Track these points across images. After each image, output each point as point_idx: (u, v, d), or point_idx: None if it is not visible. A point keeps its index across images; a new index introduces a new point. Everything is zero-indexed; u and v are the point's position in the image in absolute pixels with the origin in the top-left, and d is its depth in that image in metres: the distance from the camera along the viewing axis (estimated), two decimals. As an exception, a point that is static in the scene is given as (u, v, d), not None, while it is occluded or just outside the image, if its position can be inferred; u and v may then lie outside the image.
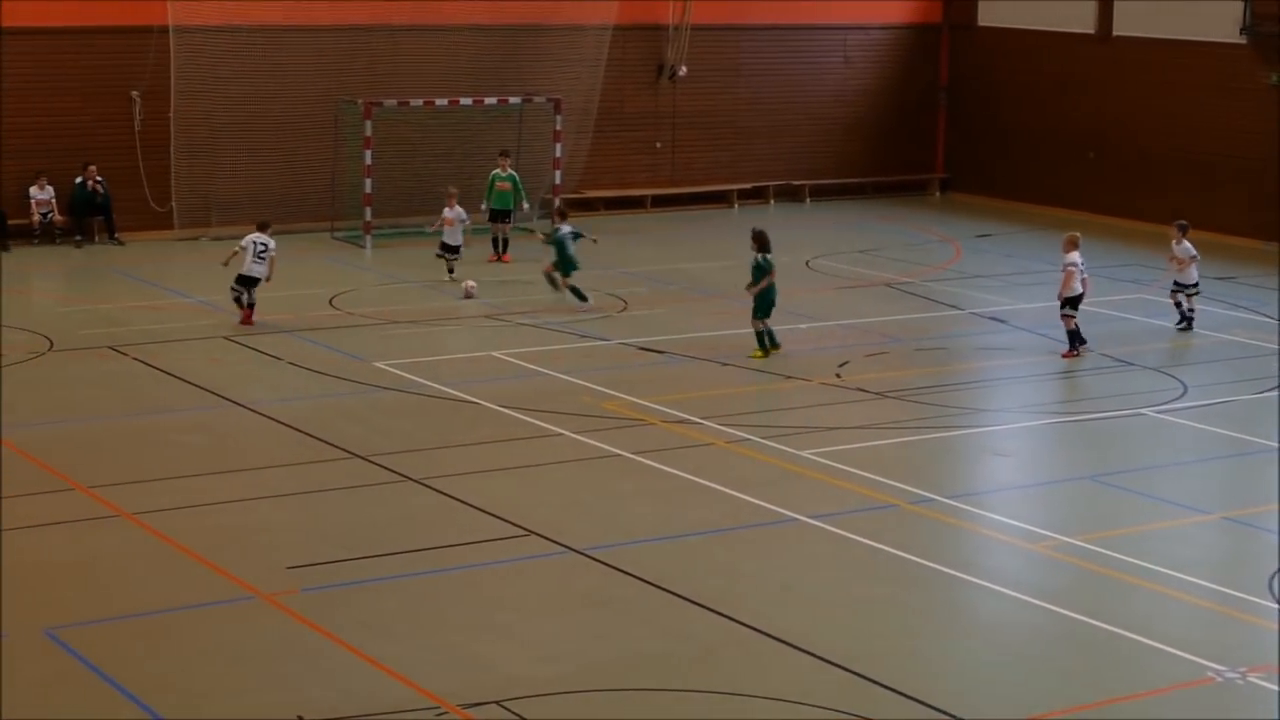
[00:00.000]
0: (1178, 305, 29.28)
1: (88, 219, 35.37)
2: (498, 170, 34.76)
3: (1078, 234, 28.29)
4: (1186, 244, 29.18)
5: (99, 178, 35.12)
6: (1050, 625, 16.79)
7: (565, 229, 30.45)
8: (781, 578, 17.94)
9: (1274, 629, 16.67)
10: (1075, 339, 27.26)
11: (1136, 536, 19.19)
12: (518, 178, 34.88)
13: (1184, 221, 29.98)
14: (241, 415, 23.23)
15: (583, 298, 30.02)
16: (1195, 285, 29.27)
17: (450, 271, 31.94)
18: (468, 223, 32.34)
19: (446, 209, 32.17)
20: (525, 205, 34.95)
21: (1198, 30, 39.27)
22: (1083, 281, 27.39)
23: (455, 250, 32.06)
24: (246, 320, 28.22)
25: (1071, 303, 27.32)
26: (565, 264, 30.31)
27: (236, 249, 28.46)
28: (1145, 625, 16.60)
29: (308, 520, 19.39)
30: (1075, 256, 27.46)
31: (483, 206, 34.82)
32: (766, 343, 26.57)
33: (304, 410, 23.42)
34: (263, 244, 28.28)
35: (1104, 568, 18.17)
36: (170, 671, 15.26)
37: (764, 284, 26.45)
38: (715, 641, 16.21)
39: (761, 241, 26.82)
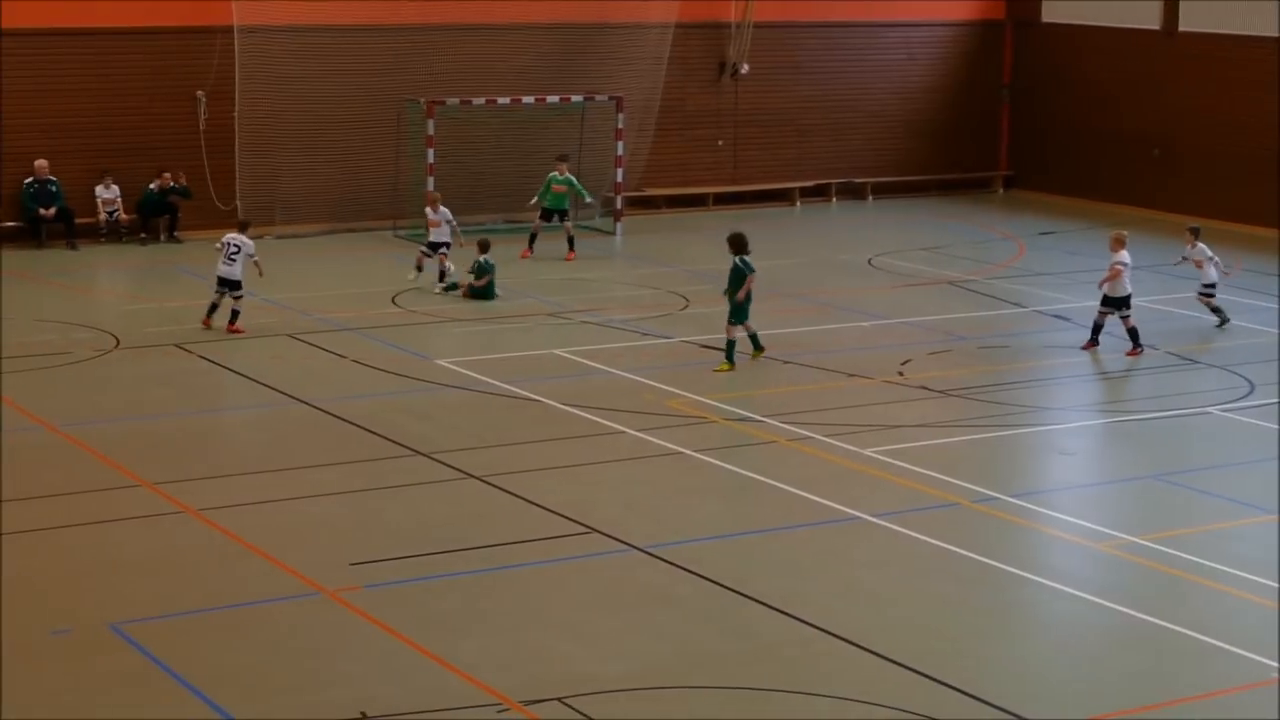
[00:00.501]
0: (1214, 309, 29.40)
1: (154, 219, 35.58)
2: (555, 173, 34.78)
3: (1125, 232, 28.27)
4: (1201, 245, 29.42)
5: (173, 184, 35.29)
6: (1115, 625, 16.71)
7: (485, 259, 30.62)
8: (844, 576, 17.91)
9: (1341, 629, 16.60)
10: (1135, 336, 27.10)
11: (1202, 536, 19.08)
12: (575, 180, 34.93)
13: (1195, 225, 30.45)
14: (305, 412, 23.33)
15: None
16: (1214, 285, 29.42)
17: (418, 268, 31.43)
18: (454, 223, 32.01)
19: (430, 210, 31.82)
20: (588, 200, 35.09)
21: (1264, 26, 38.95)
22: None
23: (438, 247, 31.54)
24: (209, 325, 27.77)
25: (1124, 302, 27.14)
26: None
27: (217, 244, 28.28)
28: (1211, 625, 16.50)
29: (371, 517, 19.45)
30: (1125, 255, 27.32)
31: (532, 201, 34.85)
32: (753, 346, 26.11)
33: (367, 407, 23.50)
34: (236, 245, 27.78)
35: (1169, 567, 18.08)
36: (234, 666, 15.35)
37: (747, 287, 25.95)
38: (778, 640, 16.19)
39: (738, 244, 26.33)
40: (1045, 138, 43.72)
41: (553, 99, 37.59)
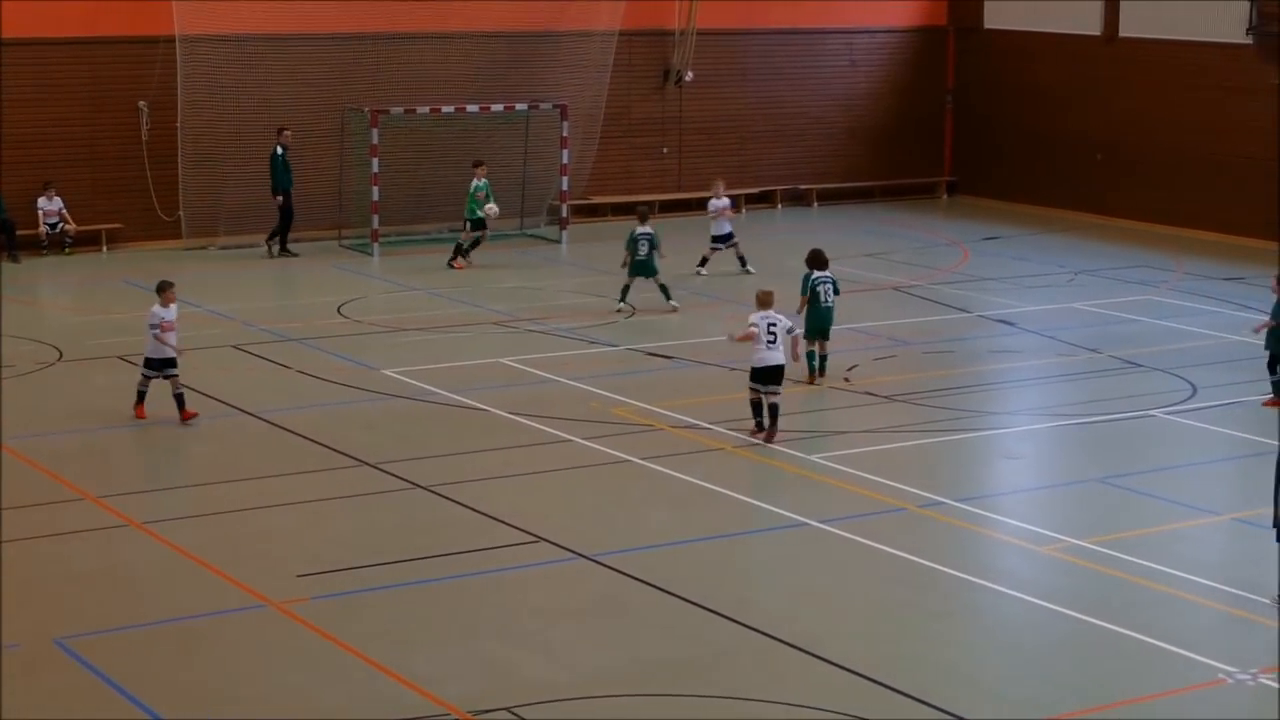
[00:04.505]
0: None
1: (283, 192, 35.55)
2: (477, 181, 34.65)
3: (770, 290, 23.45)
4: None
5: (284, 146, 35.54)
6: (1061, 628, 16.78)
7: (639, 230, 30.62)
8: (793, 582, 17.93)
9: (1285, 630, 16.75)
10: (774, 413, 22.65)
11: (1147, 538, 19.17)
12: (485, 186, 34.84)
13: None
14: (251, 424, 23.23)
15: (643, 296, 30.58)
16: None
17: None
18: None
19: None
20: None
21: (1204, 31, 39.21)
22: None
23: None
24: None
25: (772, 375, 22.70)
26: (633, 267, 30.46)
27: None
28: (1156, 627, 16.59)
29: (318, 528, 19.39)
30: (757, 317, 22.80)
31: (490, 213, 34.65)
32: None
33: (313, 418, 23.41)
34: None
35: (1115, 570, 18.16)
36: (180, 680, 15.27)
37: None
38: (728, 646, 16.21)
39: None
40: (988, 143, 43.90)
41: (497, 107, 37.55)
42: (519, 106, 37.92)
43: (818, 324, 25.54)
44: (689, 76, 41.12)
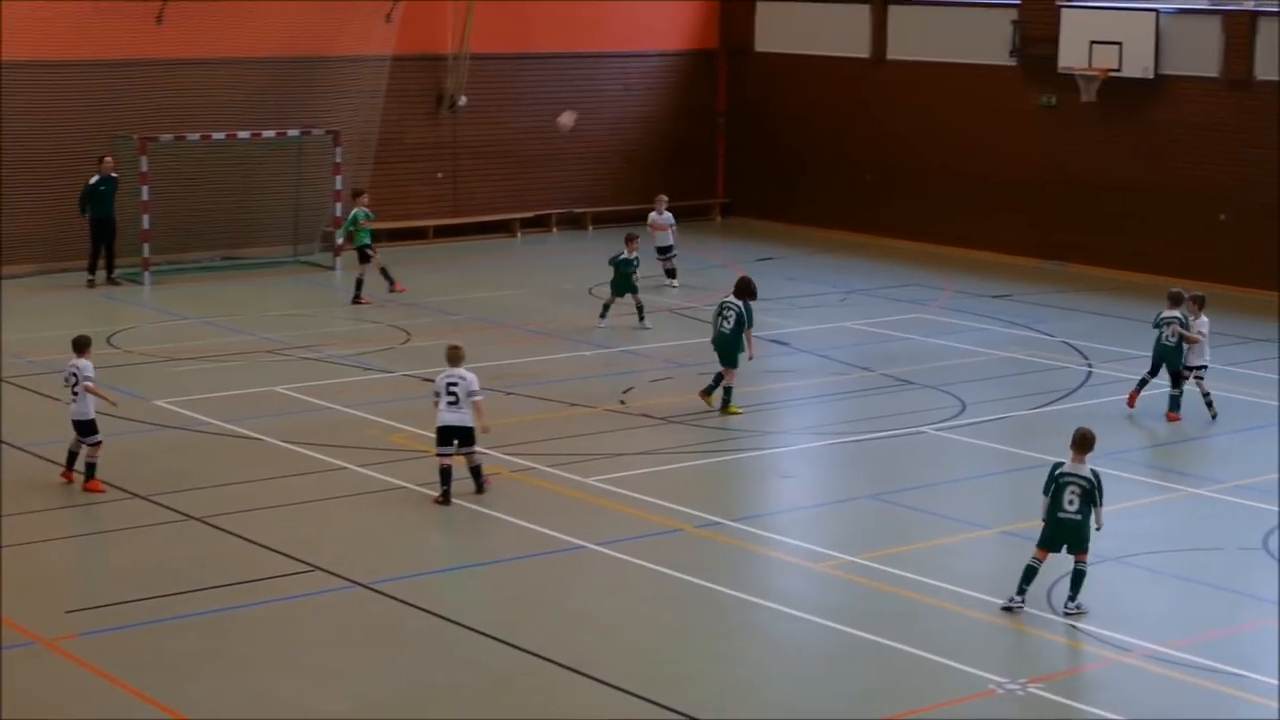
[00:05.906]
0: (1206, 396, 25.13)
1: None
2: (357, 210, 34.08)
3: (460, 345, 21.83)
4: (1204, 318, 25.18)
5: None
6: (837, 643, 16.99)
7: (624, 255, 31.41)
8: (571, 606, 17.96)
9: (1054, 640, 17.09)
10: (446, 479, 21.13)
11: (918, 553, 19.49)
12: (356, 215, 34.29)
13: (1199, 294, 25.51)
14: (16, 457, 22.75)
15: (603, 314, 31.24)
16: (1204, 367, 25.18)
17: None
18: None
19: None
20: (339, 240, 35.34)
21: (969, 53, 40.02)
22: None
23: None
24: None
25: (460, 436, 21.24)
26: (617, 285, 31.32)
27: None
28: (928, 640, 16.86)
29: (88, 563, 19.08)
30: (457, 373, 21.22)
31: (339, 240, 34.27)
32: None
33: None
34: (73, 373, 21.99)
35: (887, 585, 18.43)
36: (-54, 723, 14.95)
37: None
38: (506, 671, 16.19)
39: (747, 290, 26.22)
40: (761, 165, 44.35)
41: (269, 133, 37.22)
42: (291, 132, 37.62)
43: (716, 349, 25.65)
44: (463, 101, 41.07)
